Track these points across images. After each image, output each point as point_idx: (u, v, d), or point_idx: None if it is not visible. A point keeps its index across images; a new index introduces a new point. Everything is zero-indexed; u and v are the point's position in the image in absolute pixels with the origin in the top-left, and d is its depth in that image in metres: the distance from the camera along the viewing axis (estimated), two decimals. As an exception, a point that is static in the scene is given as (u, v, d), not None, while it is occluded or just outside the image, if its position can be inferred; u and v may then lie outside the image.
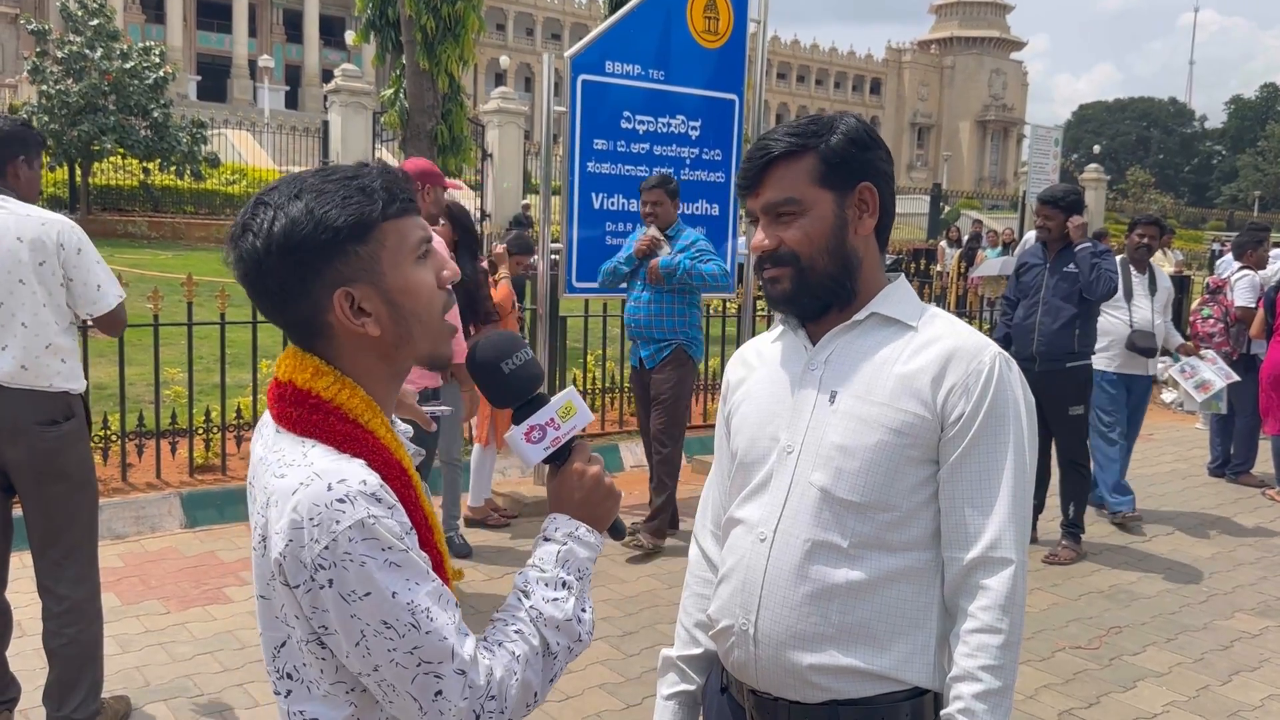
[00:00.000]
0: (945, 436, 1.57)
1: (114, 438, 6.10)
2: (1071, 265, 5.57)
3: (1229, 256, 9.93)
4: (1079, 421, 5.75)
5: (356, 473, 1.20)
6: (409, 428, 1.49)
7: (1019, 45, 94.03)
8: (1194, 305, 8.48)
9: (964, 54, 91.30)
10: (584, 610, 1.35)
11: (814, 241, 1.62)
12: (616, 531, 1.45)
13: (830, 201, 1.62)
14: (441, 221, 5.01)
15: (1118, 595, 5.23)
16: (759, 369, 1.77)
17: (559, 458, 1.40)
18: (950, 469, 1.57)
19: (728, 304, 8.62)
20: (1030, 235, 16.20)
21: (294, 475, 1.21)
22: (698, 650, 1.82)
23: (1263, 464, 7.70)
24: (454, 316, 4.37)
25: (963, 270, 16.53)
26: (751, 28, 6.63)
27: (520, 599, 1.33)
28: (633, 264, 5.64)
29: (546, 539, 1.38)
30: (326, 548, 1.16)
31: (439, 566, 1.29)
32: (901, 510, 1.58)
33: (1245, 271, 7.67)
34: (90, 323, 3.52)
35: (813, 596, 1.58)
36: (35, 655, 4.08)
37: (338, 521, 1.16)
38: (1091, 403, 6.03)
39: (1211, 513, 6.84)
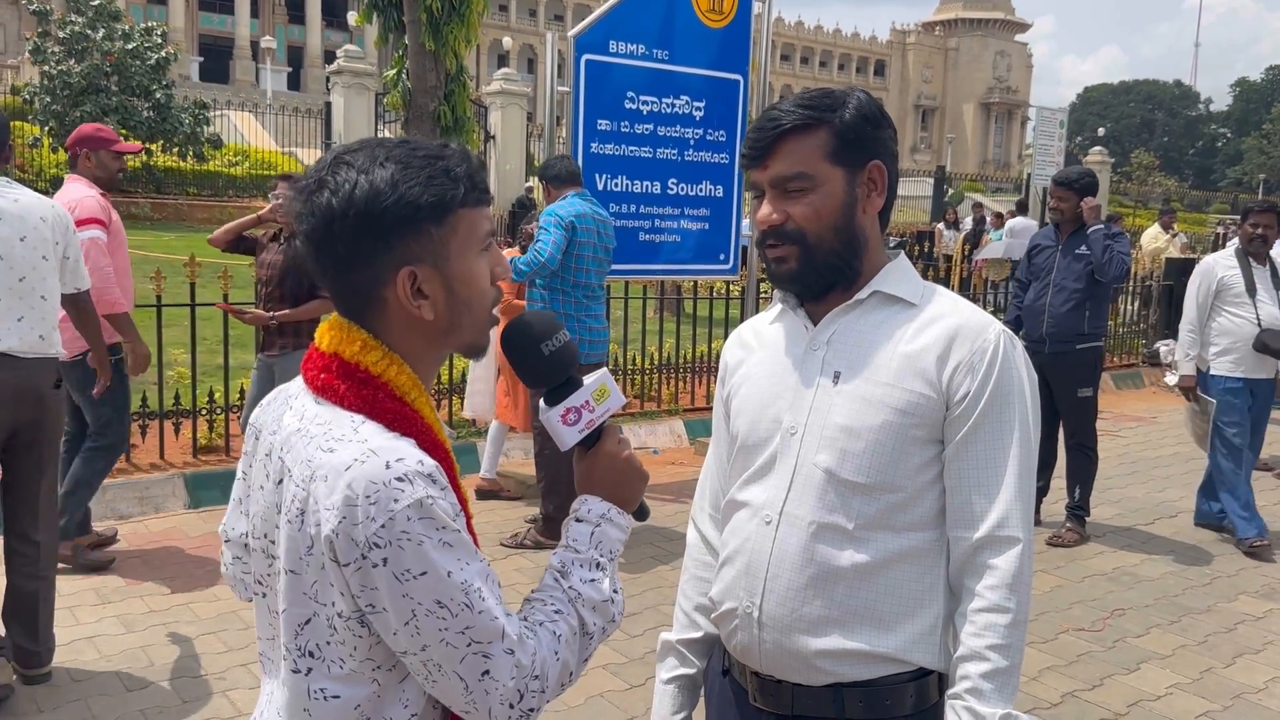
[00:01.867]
0: (950, 415, 1.55)
1: (117, 419, 6.10)
2: (1084, 247, 5.54)
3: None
4: (1087, 404, 5.73)
5: (413, 453, 1.19)
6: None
7: (1023, 27, 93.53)
8: None
9: (968, 36, 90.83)
10: (616, 591, 1.36)
11: (823, 219, 1.59)
12: (641, 513, 1.45)
13: (841, 179, 1.59)
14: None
15: (1121, 577, 5.23)
16: (758, 350, 1.74)
17: (590, 440, 1.39)
18: (956, 448, 1.56)
19: (731, 286, 8.60)
20: (1017, 221, 16.16)
21: (346, 451, 1.18)
22: (698, 634, 1.81)
23: (1269, 447, 7.68)
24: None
25: (967, 253, 16.49)
26: (756, 7, 6.58)
27: (557, 579, 1.33)
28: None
29: (579, 520, 1.37)
30: (383, 526, 1.14)
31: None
32: (907, 491, 1.56)
33: None
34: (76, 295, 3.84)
35: (818, 579, 1.57)
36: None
37: (396, 500, 1.15)
38: (1217, 419, 5.74)
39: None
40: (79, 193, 4.57)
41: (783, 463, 1.62)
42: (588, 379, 1.38)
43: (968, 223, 18.51)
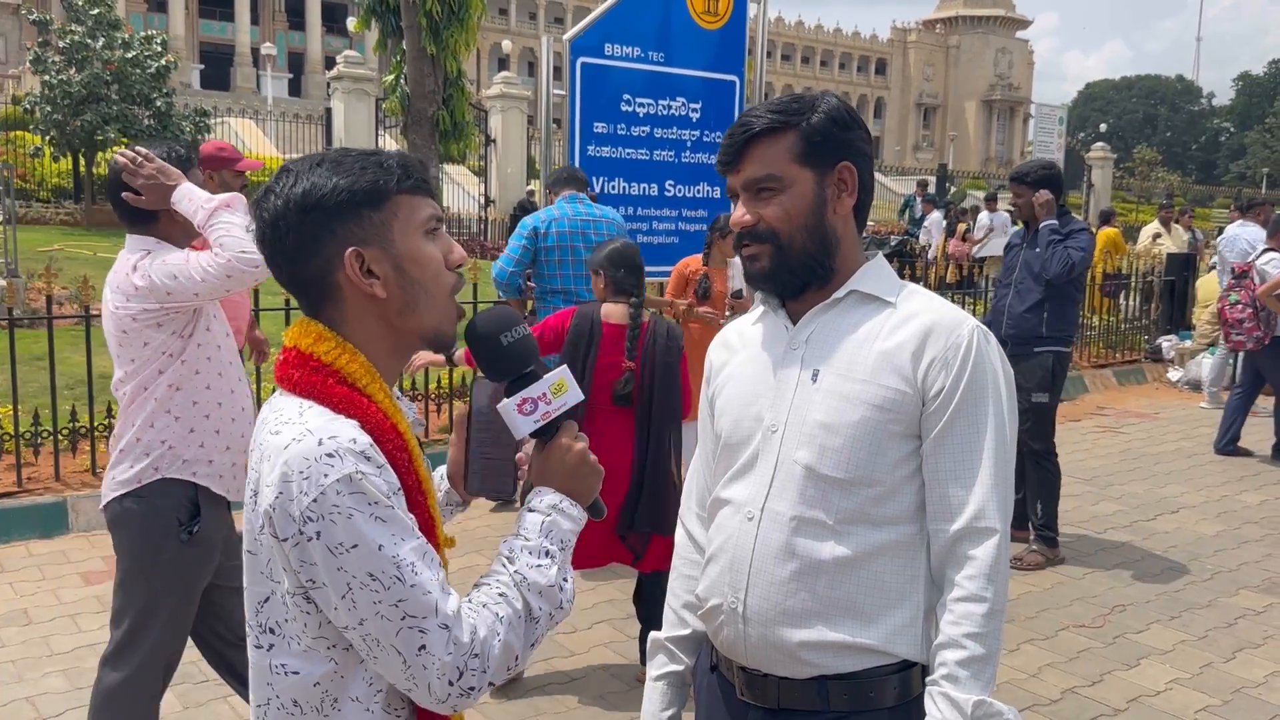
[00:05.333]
0: (926, 411, 1.59)
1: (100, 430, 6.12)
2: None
3: (1230, 233, 9.92)
4: (1042, 411, 5.42)
5: (347, 431, 1.25)
6: (412, 405, 1.52)
7: (1024, 24, 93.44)
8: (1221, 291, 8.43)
9: (969, 33, 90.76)
10: (565, 579, 1.37)
11: (793, 219, 1.63)
12: (595, 510, 1.47)
13: (810, 179, 1.63)
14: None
15: (1121, 573, 5.23)
16: (741, 351, 1.78)
17: (546, 433, 1.42)
18: (933, 443, 1.59)
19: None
20: (984, 216, 16.13)
21: (288, 432, 1.26)
22: (686, 631, 1.83)
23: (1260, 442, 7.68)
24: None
25: (946, 250, 16.45)
26: (751, 9, 6.59)
27: (504, 564, 1.36)
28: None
29: (531, 510, 1.40)
30: (315, 500, 1.20)
31: (430, 530, 1.33)
32: (885, 485, 1.59)
33: (1272, 254, 7.56)
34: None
35: (800, 573, 1.60)
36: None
37: (326, 475, 1.21)
38: None
39: (1216, 490, 6.83)
40: None
41: (764, 460, 1.65)
42: (547, 374, 1.42)
43: (984, 218, 18.26)
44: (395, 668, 1.25)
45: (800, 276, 1.66)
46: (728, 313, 5.49)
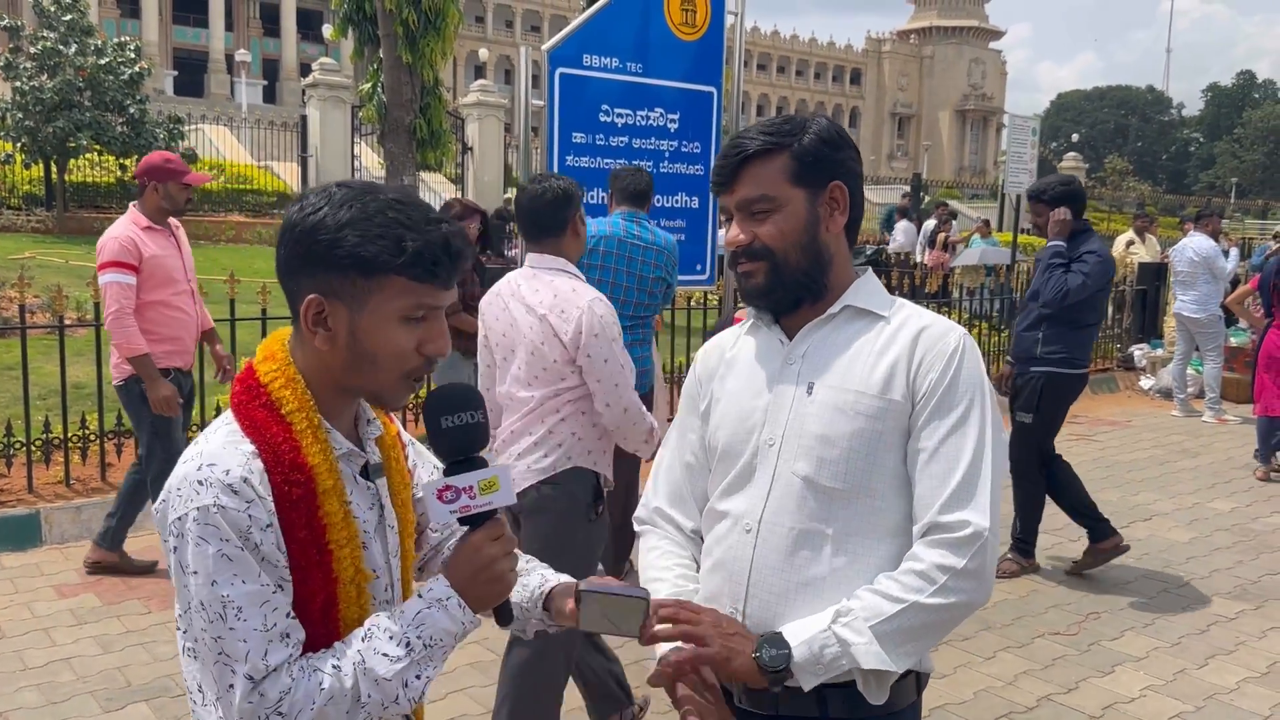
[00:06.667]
0: (914, 413, 1.62)
1: (93, 437, 6.07)
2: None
3: (1180, 243, 10.14)
4: (1023, 430, 5.35)
5: (230, 460, 1.29)
6: (380, 428, 1.50)
7: (997, 35, 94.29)
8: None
9: (943, 44, 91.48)
10: (417, 678, 1.32)
11: (787, 237, 1.67)
12: (504, 616, 1.46)
13: (802, 199, 1.68)
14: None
15: (1095, 581, 5.28)
16: (735, 363, 1.80)
17: (474, 523, 1.39)
18: (918, 441, 1.62)
19: (709, 296, 8.63)
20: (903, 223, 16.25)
21: (194, 446, 1.35)
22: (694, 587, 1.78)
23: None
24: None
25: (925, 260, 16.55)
26: (729, 20, 6.63)
27: (360, 638, 1.33)
28: None
29: (418, 594, 1.38)
30: (179, 518, 1.28)
31: (322, 565, 1.32)
32: (883, 495, 1.62)
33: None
34: None
35: (800, 584, 1.62)
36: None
37: (190, 500, 1.28)
38: None
39: (1188, 498, 6.91)
40: (115, 231, 4.59)
41: (761, 473, 1.68)
42: (486, 469, 1.38)
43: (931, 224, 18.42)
44: (210, 688, 1.32)
45: (794, 293, 1.70)
46: None
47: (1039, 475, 5.44)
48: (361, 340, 1.34)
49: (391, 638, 1.32)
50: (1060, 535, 6.00)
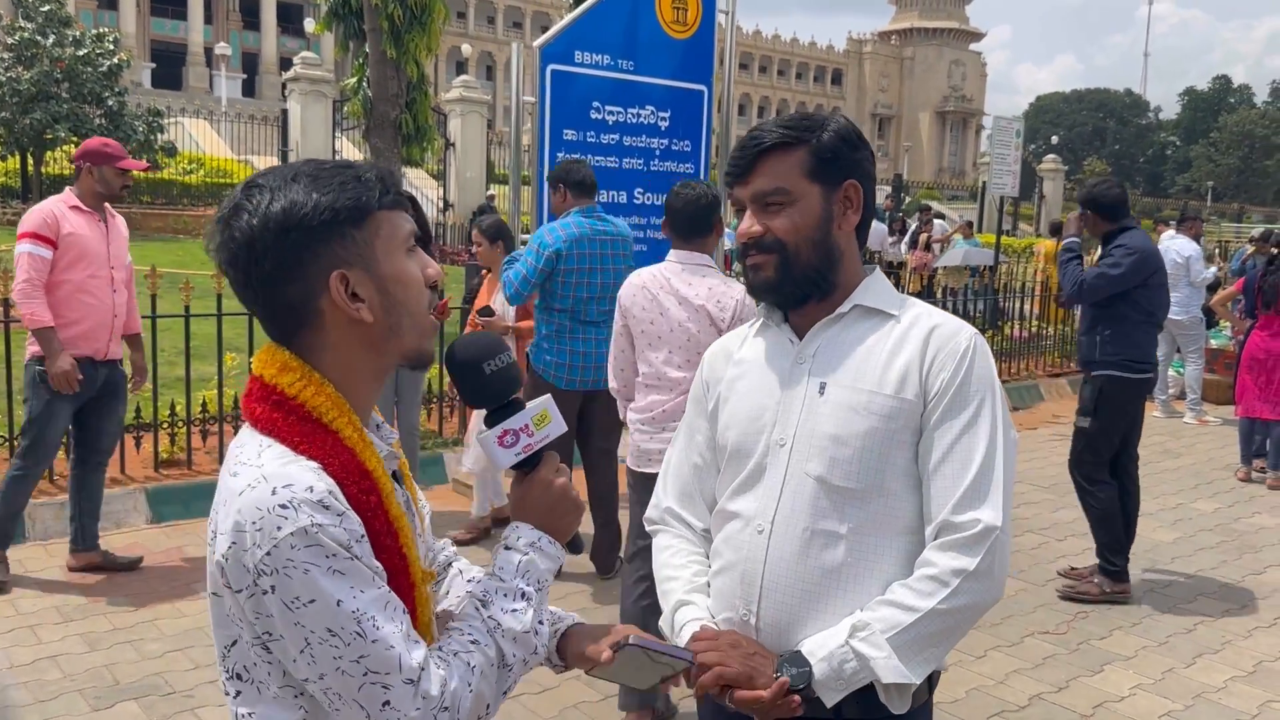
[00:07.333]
0: (926, 412, 1.62)
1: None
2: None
3: (1162, 245, 10.16)
4: (1081, 435, 5.19)
5: (305, 478, 1.18)
6: (394, 432, 1.46)
7: (978, 36, 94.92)
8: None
9: (924, 45, 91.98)
10: (541, 623, 1.33)
11: (800, 231, 1.67)
12: (575, 546, 1.45)
13: (818, 195, 1.67)
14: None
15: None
16: (744, 363, 1.80)
17: (527, 465, 1.38)
18: (929, 440, 1.62)
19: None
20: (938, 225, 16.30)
21: (245, 476, 1.20)
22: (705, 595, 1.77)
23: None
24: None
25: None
26: (720, 18, 6.63)
27: (478, 608, 1.31)
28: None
29: (508, 547, 1.36)
30: (269, 553, 1.15)
31: (402, 571, 1.27)
32: (896, 494, 1.62)
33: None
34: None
35: (814, 583, 1.62)
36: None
37: (279, 528, 1.15)
38: None
39: (1171, 499, 6.97)
40: (41, 204, 4.60)
41: (772, 473, 1.67)
42: (530, 404, 1.37)
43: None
44: (360, 715, 1.20)
45: (803, 288, 1.69)
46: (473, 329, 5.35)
47: (1107, 484, 5.18)
48: (391, 290, 1.28)
49: (506, 595, 1.32)
50: (1046, 535, 6.03)
